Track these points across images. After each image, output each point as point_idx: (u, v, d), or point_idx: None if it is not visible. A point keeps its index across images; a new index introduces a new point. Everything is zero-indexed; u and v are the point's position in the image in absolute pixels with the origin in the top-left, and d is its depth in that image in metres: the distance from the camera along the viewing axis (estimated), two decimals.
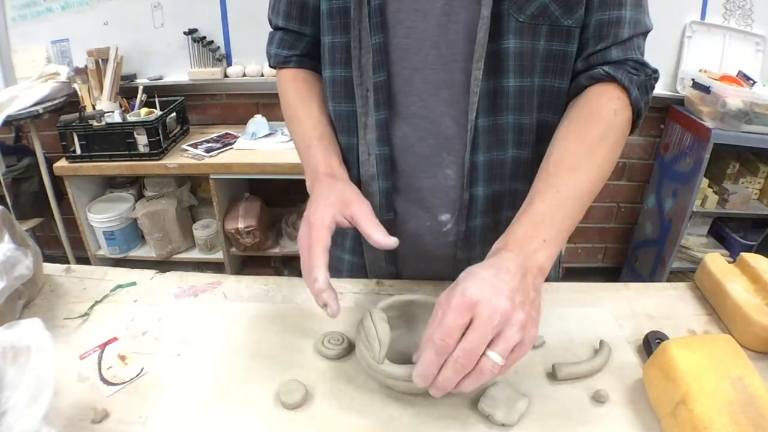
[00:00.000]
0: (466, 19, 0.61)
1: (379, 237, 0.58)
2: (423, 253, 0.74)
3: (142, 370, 0.59)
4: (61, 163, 1.95)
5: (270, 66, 0.81)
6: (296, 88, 0.77)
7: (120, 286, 0.74)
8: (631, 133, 0.66)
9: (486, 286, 0.46)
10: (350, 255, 0.80)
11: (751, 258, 0.69)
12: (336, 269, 0.82)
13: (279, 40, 0.78)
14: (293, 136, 0.76)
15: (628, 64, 0.63)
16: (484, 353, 0.45)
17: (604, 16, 0.61)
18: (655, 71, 0.65)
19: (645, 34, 0.65)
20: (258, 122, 2.09)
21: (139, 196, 2.24)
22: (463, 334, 0.45)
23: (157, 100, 2.06)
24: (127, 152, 1.92)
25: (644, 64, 0.64)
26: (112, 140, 1.90)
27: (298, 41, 0.77)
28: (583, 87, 0.65)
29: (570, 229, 0.56)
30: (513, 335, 0.45)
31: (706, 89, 1.88)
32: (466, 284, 0.47)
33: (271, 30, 0.80)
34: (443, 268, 0.75)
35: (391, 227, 0.73)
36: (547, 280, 0.80)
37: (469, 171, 0.67)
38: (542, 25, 0.61)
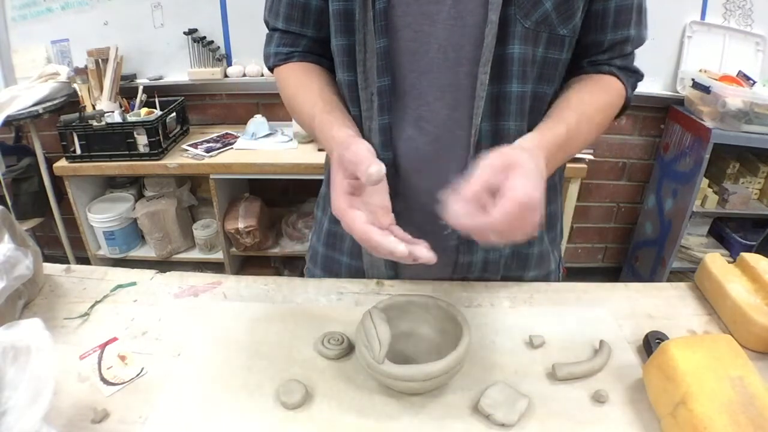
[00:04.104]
0: (473, 23, 0.62)
1: (368, 172, 0.52)
2: None
3: (142, 370, 0.59)
4: (61, 163, 1.95)
5: (269, 66, 0.78)
6: (295, 77, 0.75)
7: (120, 286, 0.74)
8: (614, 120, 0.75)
9: (528, 182, 0.49)
10: (348, 258, 0.80)
11: (751, 258, 0.69)
12: (334, 272, 0.82)
13: (279, 39, 0.76)
14: (302, 125, 0.75)
15: (625, 69, 0.73)
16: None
17: (616, 36, 0.69)
18: (642, 75, 0.75)
19: (641, 44, 0.73)
20: (258, 122, 2.09)
21: (139, 196, 2.24)
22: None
23: (157, 100, 2.06)
24: (127, 152, 1.92)
25: (636, 71, 0.75)
26: (112, 140, 1.90)
27: (298, 40, 0.75)
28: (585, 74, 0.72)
29: (564, 162, 0.69)
30: (516, 237, 0.50)
31: (706, 89, 1.88)
32: (510, 159, 0.51)
33: (268, 32, 0.78)
34: (443, 272, 0.75)
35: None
36: (548, 280, 0.81)
37: None
38: (543, 33, 0.62)
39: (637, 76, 0.74)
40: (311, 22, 0.72)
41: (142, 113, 1.96)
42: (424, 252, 0.53)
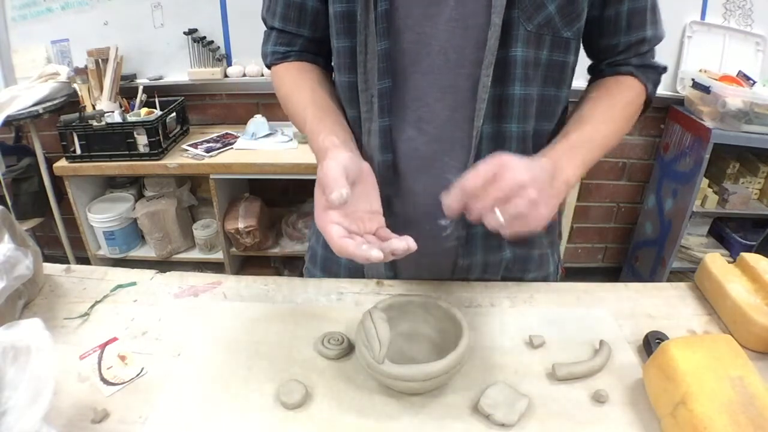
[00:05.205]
0: (475, 25, 0.61)
1: (330, 198, 0.53)
2: (422, 258, 0.74)
3: (142, 370, 0.59)
4: (61, 163, 1.95)
5: (266, 64, 0.78)
6: (290, 77, 0.75)
7: (120, 286, 0.74)
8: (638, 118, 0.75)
9: (519, 162, 0.53)
10: (348, 259, 0.80)
11: (751, 258, 0.69)
12: (333, 273, 0.82)
13: (276, 38, 0.76)
14: (295, 126, 0.75)
15: (643, 66, 0.73)
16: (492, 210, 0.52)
17: (631, 39, 0.69)
18: (664, 68, 0.75)
19: (659, 42, 0.73)
20: (258, 122, 2.09)
21: (139, 196, 2.24)
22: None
23: (157, 100, 2.06)
24: (127, 152, 1.92)
25: (656, 66, 0.74)
26: (112, 140, 1.90)
27: (295, 39, 0.75)
28: (604, 77, 0.74)
29: (592, 163, 0.66)
30: (520, 204, 0.51)
31: (706, 89, 1.87)
32: (503, 155, 0.54)
33: (266, 29, 0.78)
34: (443, 274, 0.75)
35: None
36: (547, 280, 0.81)
37: None
38: (546, 35, 0.62)
39: (657, 71, 0.74)
40: (307, 22, 0.73)
41: (142, 113, 1.96)
42: (399, 244, 0.54)
